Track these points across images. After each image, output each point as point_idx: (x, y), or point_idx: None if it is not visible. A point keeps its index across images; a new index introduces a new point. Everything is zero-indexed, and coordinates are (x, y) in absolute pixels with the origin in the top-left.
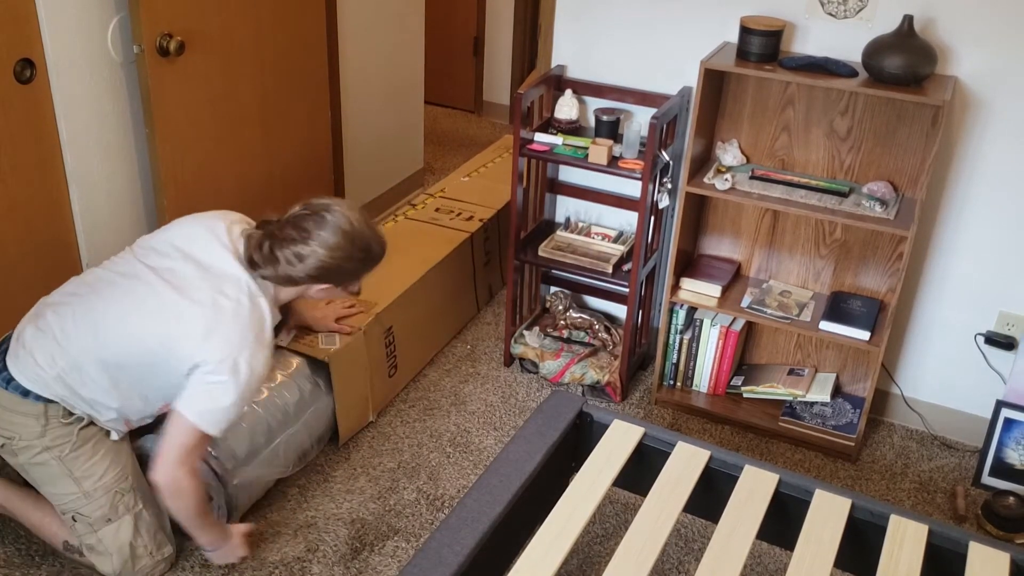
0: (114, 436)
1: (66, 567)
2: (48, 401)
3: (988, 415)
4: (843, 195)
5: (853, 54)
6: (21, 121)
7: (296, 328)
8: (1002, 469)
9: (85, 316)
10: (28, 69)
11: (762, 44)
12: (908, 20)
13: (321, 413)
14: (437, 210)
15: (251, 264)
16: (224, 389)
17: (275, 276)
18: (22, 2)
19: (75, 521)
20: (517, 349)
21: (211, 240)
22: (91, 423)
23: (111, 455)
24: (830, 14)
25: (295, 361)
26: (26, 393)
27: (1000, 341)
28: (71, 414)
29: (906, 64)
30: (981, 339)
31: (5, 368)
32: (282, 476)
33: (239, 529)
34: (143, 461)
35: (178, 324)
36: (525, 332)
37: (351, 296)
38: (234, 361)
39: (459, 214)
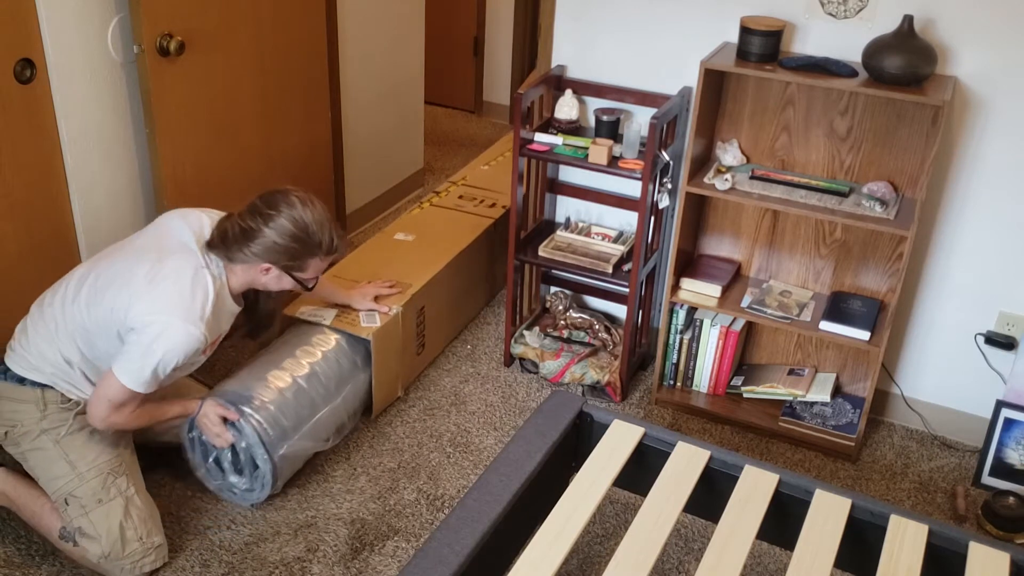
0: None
1: (66, 567)
2: (44, 386)
3: (988, 415)
4: (843, 195)
5: (853, 54)
6: (21, 121)
7: (338, 307)
8: (1002, 469)
9: (60, 296)
10: (28, 69)
11: (762, 44)
12: (908, 20)
13: (358, 388)
14: (460, 197)
15: (209, 245)
16: (148, 350)
17: (225, 254)
18: (22, 2)
19: (67, 504)
20: (517, 349)
21: (183, 225)
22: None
23: (106, 441)
24: (830, 14)
25: (335, 339)
26: (22, 380)
27: (1000, 341)
28: (68, 399)
29: (906, 64)
30: (981, 339)
31: (1, 362)
32: (321, 449)
33: (212, 408)
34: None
35: (123, 289)
36: (525, 332)
37: (306, 290)
38: (163, 324)
39: (482, 201)
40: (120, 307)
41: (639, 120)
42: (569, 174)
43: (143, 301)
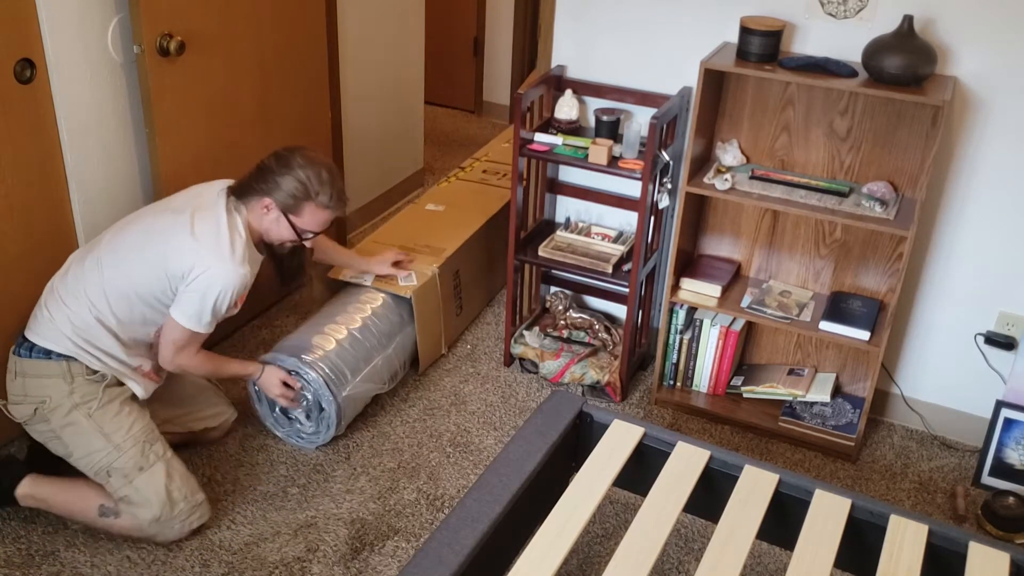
0: (140, 394)
1: (66, 567)
2: (69, 359)
3: (988, 415)
4: (843, 195)
5: (853, 54)
6: (21, 121)
7: (367, 274)
8: (1002, 469)
9: (91, 259)
10: (28, 69)
11: (762, 44)
12: (908, 20)
13: (406, 341)
14: (484, 172)
15: (230, 189)
16: (203, 294)
17: (240, 193)
18: (22, 2)
19: (109, 476)
20: (517, 349)
21: (212, 186)
22: (117, 383)
23: (137, 411)
24: (830, 14)
25: (381, 298)
26: (48, 354)
27: (1000, 341)
28: (94, 371)
29: (906, 64)
30: (981, 339)
31: (25, 340)
32: (380, 392)
33: (274, 373)
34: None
35: (168, 243)
36: (525, 332)
37: (299, 240)
38: (212, 269)
39: (504, 175)
40: (171, 259)
41: (639, 120)
42: (569, 174)
43: (190, 252)
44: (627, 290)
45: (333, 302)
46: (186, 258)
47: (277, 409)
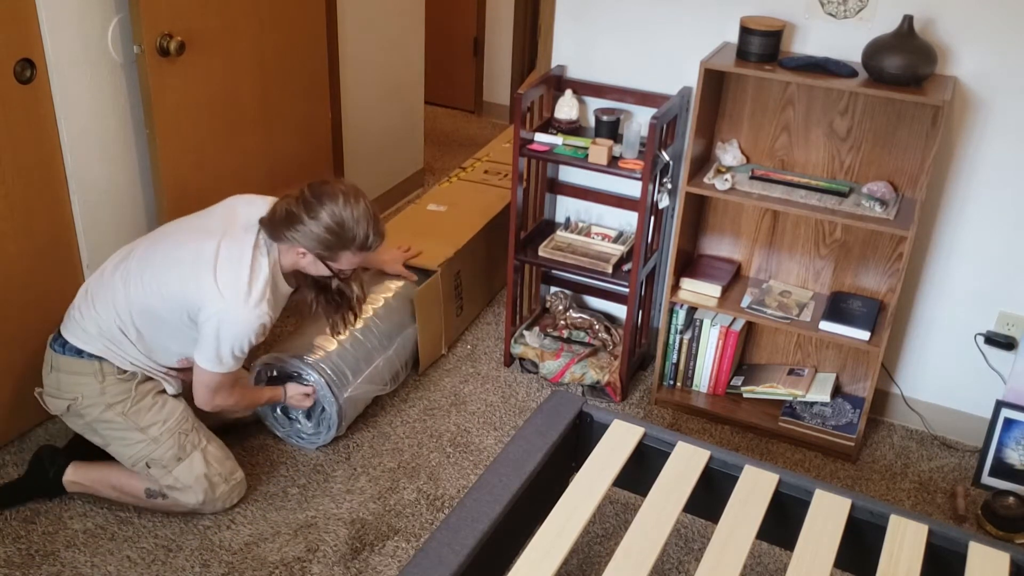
0: (170, 391)
1: (66, 567)
2: (101, 359)
3: (988, 415)
4: (843, 195)
5: (853, 54)
6: (21, 121)
7: (375, 272)
8: (1002, 469)
9: (123, 272)
10: (28, 69)
11: (762, 44)
12: (908, 20)
13: (407, 342)
14: (486, 172)
15: (261, 222)
16: (219, 337)
17: (271, 233)
18: (22, 2)
19: (149, 467)
20: (517, 349)
21: (247, 211)
22: (148, 378)
23: (169, 404)
24: (830, 14)
25: (382, 299)
26: (80, 352)
27: (1000, 341)
28: (123, 371)
29: (906, 64)
30: (981, 339)
31: (60, 335)
32: (381, 393)
33: (295, 389)
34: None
35: (191, 273)
36: (525, 332)
37: (342, 278)
38: (228, 312)
39: (506, 175)
40: (189, 291)
41: (639, 120)
42: (569, 174)
43: (209, 289)
44: (627, 290)
45: None
46: (203, 294)
47: (278, 409)
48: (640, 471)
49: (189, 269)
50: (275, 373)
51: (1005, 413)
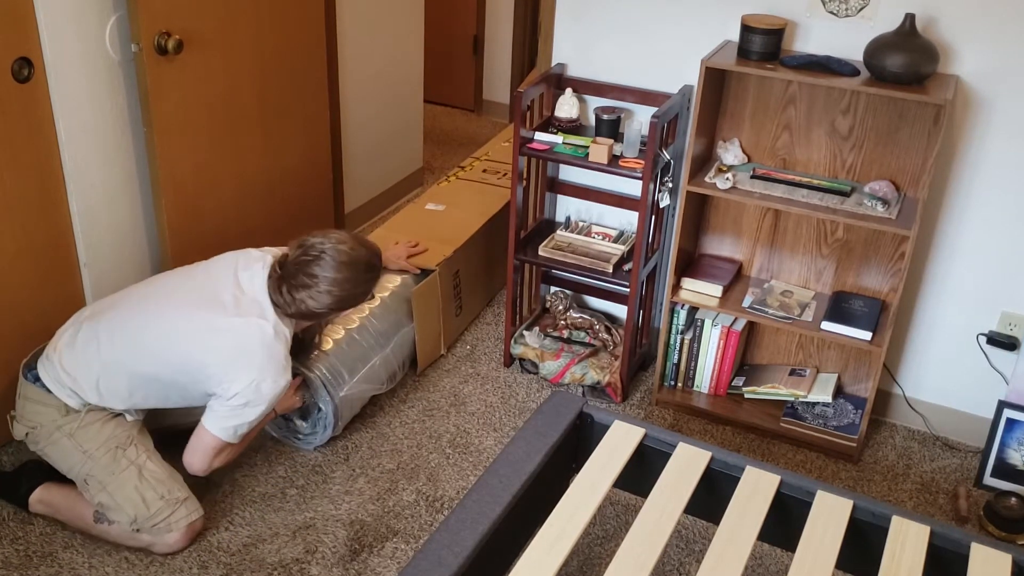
0: (129, 417)
1: (64, 568)
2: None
3: (990, 416)
4: (845, 195)
5: (855, 53)
6: (19, 120)
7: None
8: (1004, 470)
9: (122, 330)
10: (26, 68)
11: (763, 43)
12: (910, 19)
13: (404, 341)
14: (484, 171)
15: (274, 302)
16: (245, 410)
17: (298, 313)
18: (20, 1)
19: (87, 484)
20: (517, 349)
21: (248, 276)
22: (103, 408)
23: (113, 424)
24: (831, 13)
25: (378, 298)
26: (49, 390)
27: (1002, 341)
28: (87, 404)
29: (908, 63)
30: (983, 339)
31: (35, 367)
32: (378, 392)
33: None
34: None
35: (206, 348)
36: (525, 332)
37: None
38: (257, 385)
39: (505, 174)
40: (209, 366)
41: (640, 119)
42: (569, 173)
43: (234, 367)
44: (628, 290)
45: None
46: (229, 373)
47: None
48: (641, 472)
49: (202, 344)
50: None
51: (1007, 414)
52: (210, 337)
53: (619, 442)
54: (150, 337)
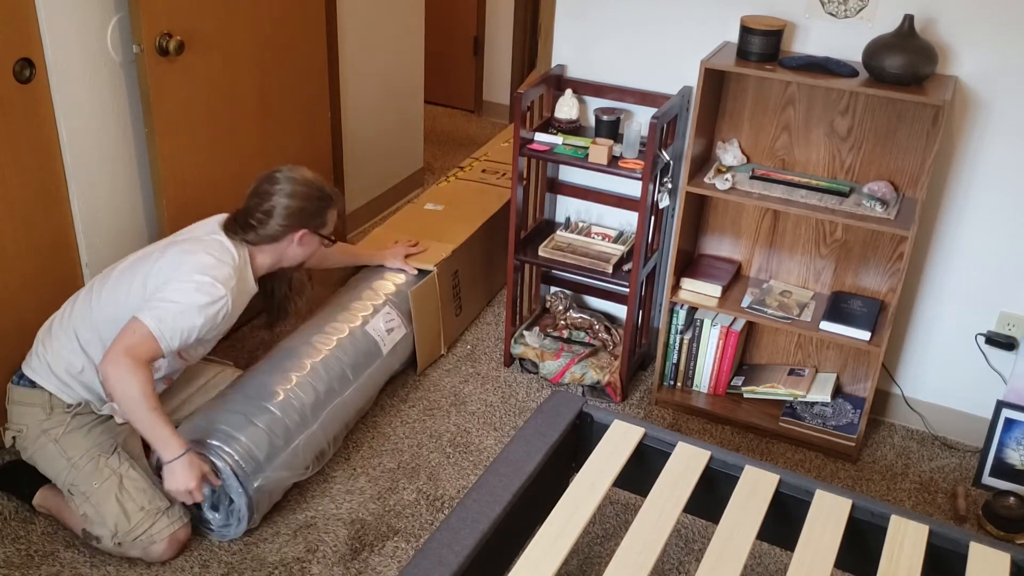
0: (118, 420)
1: (65, 567)
2: (51, 393)
3: (989, 415)
4: (843, 195)
5: (853, 54)
6: (21, 121)
7: (374, 268)
8: (1003, 469)
9: (84, 296)
10: (28, 69)
11: (762, 44)
12: (909, 20)
13: (336, 413)
14: (483, 171)
15: (227, 229)
16: (176, 300)
17: (255, 237)
18: (22, 2)
19: (72, 495)
20: (517, 349)
21: (207, 221)
22: (90, 411)
23: (99, 430)
24: (830, 14)
25: (308, 364)
26: (33, 384)
27: (1001, 341)
28: (71, 405)
29: (907, 64)
30: (982, 339)
31: (19, 369)
32: (300, 479)
33: (195, 468)
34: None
35: (156, 262)
36: (525, 332)
37: (330, 244)
38: (193, 280)
39: (504, 174)
40: (152, 274)
41: (639, 120)
42: (569, 174)
43: (174, 266)
44: (627, 290)
45: (295, 335)
46: (167, 271)
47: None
48: (640, 471)
49: (154, 261)
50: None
51: (1006, 413)
52: (160, 256)
53: (619, 441)
54: (107, 286)
